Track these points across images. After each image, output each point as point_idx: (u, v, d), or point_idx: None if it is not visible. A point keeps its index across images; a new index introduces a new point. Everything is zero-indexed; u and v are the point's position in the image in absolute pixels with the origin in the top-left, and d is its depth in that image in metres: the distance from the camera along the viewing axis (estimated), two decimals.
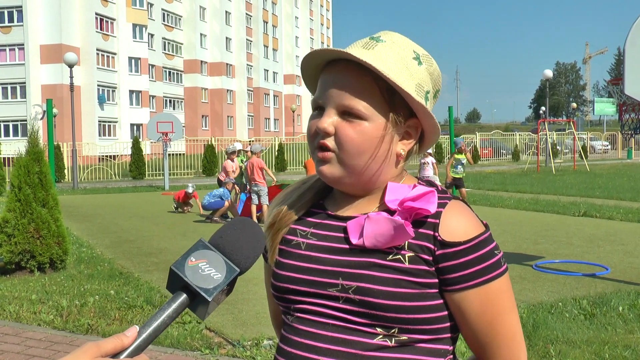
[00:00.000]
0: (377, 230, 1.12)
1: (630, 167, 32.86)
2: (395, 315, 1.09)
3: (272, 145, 34.21)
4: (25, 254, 7.38)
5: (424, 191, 1.14)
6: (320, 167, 1.17)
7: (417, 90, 1.15)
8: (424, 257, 1.11)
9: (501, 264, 1.13)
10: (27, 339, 5.21)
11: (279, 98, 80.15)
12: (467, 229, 1.12)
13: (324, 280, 1.15)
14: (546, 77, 33.32)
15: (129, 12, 52.89)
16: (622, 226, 11.35)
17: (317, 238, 1.20)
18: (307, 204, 1.26)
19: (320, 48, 1.15)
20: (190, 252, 0.98)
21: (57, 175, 26.07)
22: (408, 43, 1.19)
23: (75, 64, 23.15)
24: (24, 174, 7.52)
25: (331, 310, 1.14)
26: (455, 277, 1.11)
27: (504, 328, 1.14)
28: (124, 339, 0.88)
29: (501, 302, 1.13)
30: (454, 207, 1.15)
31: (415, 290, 1.10)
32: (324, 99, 1.16)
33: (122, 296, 6.44)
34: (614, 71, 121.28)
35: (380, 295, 1.09)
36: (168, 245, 9.94)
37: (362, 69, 1.13)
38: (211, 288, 0.94)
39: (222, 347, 4.93)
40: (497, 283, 1.12)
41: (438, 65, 1.23)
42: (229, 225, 1.03)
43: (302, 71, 1.24)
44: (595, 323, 5.36)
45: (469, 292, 1.11)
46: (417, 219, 1.14)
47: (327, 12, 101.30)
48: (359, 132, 1.13)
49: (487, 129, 72.54)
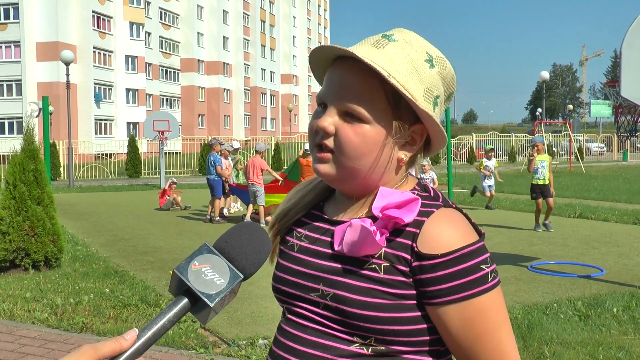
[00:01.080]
0: (353, 237, 1.09)
1: (625, 169, 32.94)
2: (370, 325, 1.06)
3: (269, 144, 34.21)
4: (20, 252, 7.35)
5: (407, 198, 1.09)
6: (317, 165, 1.15)
7: (425, 96, 1.11)
8: (400, 268, 1.07)
9: (487, 279, 1.05)
10: (21, 337, 5.19)
11: (276, 97, 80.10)
12: (449, 241, 1.05)
13: (308, 284, 1.14)
14: (543, 79, 33.39)
15: (126, 10, 52.79)
16: (617, 228, 11.38)
17: (309, 241, 1.19)
18: (309, 205, 1.25)
19: (329, 44, 1.12)
20: (194, 256, 0.96)
21: (53, 173, 25.99)
22: (422, 44, 1.14)
23: (72, 61, 23.09)
24: (19, 172, 7.49)
25: (312, 314, 1.13)
26: (433, 290, 1.05)
27: (491, 347, 1.06)
28: (122, 342, 0.87)
29: (486, 320, 1.05)
30: (440, 216, 1.09)
31: (389, 301, 1.06)
32: (327, 96, 1.14)
33: (117, 295, 6.42)
34: (610, 73, 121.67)
35: (354, 304, 1.07)
36: (163, 244, 9.92)
37: (369, 70, 1.09)
38: (213, 294, 0.92)
39: (217, 346, 4.92)
40: (482, 299, 1.04)
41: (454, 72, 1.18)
42: (235, 229, 1.01)
43: (310, 64, 1.21)
44: (590, 324, 5.37)
45: (448, 307, 1.04)
46: (397, 227, 1.09)
47: (325, 12, 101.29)
48: (360, 135, 1.10)
49: (483, 130, 72.66)
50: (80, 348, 0.84)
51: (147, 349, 0.89)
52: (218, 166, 12.91)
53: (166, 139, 22.54)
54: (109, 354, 0.85)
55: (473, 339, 1.06)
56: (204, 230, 11.64)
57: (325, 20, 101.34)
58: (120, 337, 0.88)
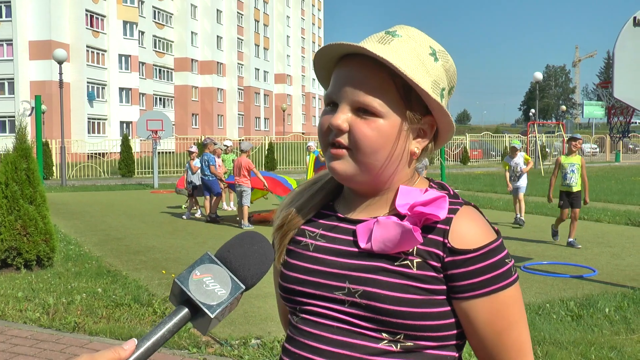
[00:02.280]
0: (385, 235, 1.10)
1: (618, 169, 33.08)
2: (401, 321, 1.07)
3: (262, 144, 34.14)
4: (12, 251, 7.32)
5: (434, 196, 1.11)
6: (332, 164, 1.14)
7: (433, 87, 1.12)
8: (432, 264, 1.09)
9: (512, 273, 1.10)
10: (12, 337, 5.17)
11: (270, 97, 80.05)
12: (477, 236, 1.09)
13: (331, 283, 1.13)
14: (536, 80, 33.48)
15: (120, 9, 52.64)
16: (609, 228, 11.43)
17: (326, 240, 1.18)
18: (318, 205, 1.24)
19: (336, 42, 1.11)
20: (196, 266, 0.94)
21: (46, 172, 25.88)
22: (424, 38, 1.16)
23: (65, 60, 22.99)
24: (11, 171, 7.46)
25: (336, 313, 1.12)
26: (463, 285, 1.08)
27: (513, 339, 1.11)
28: (121, 352, 0.85)
29: (511, 313, 1.10)
30: (465, 213, 1.12)
31: (422, 297, 1.08)
32: (338, 94, 1.13)
33: (109, 294, 6.40)
34: (603, 74, 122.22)
35: (387, 300, 1.07)
36: (156, 244, 9.89)
37: (378, 65, 1.10)
38: (214, 304, 0.91)
39: (210, 346, 4.91)
40: (507, 292, 1.09)
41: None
42: (238, 239, 1.00)
43: (315, 64, 1.20)
44: (582, 324, 5.39)
45: (478, 301, 1.08)
46: (426, 224, 1.11)
47: (319, 12, 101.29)
48: (375, 129, 1.10)
49: (477, 130, 72.82)
50: (79, 357, 0.82)
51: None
52: (212, 166, 12.88)
53: (159, 139, 22.49)
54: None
55: (498, 331, 1.10)
56: (197, 230, 11.61)
57: (319, 20, 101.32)
58: (119, 347, 0.86)
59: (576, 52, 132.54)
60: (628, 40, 7.00)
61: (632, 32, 6.99)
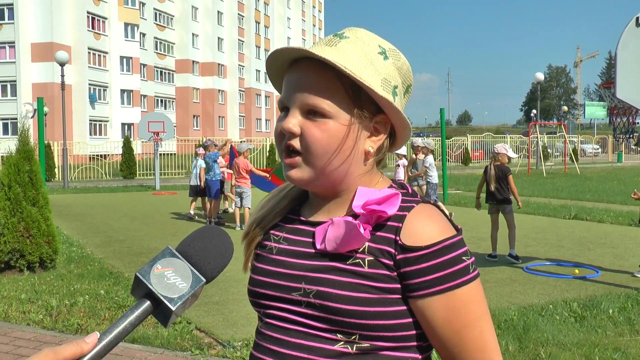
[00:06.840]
0: (336, 233, 1.10)
1: (620, 170, 33.04)
2: (355, 321, 1.06)
3: (263, 145, 34.13)
4: (15, 253, 7.33)
5: (388, 194, 1.11)
6: (288, 172, 1.15)
7: (383, 85, 1.12)
8: (384, 262, 1.08)
9: (469, 270, 1.08)
10: (15, 338, 5.17)
11: (271, 99, 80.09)
12: (430, 233, 1.07)
13: (289, 284, 1.14)
14: (537, 80, 33.45)
15: (121, 11, 52.70)
16: (612, 229, 11.41)
17: (288, 243, 1.19)
18: (283, 211, 1.26)
19: (282, 47, 1.13)
20: (157, 260, 0.96)
21: (48, 174, 25.91)
22: (373, 38, 1.16)
23: (67, 62, 23.01)
24: (14, 173, 7.47)
25: (294, 315, 1.12)
26: (417, 282, 1.06)
27: (473, 338, 1.08)
28: (83, 345, 0.87)
29: (470, 310, 1.08)
30: (421, 210, 1.11)
31: (375, 295, 1.07)
32: (288, 99, 1.15)
33: (112, 296, 6.41)
34: (604, 75, 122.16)
35: (339, 299, 1.07)
36: (158, 245, 9.89)
37: (324, 67, 1.10)
38: (175, 297, 0.93)
39: (213, 348, 4.91)
40: (465, 290, 1.07)
41: (409, 64, 1.20)
42: (198, 233, 1.02)
43: (268, 71, 1.22)
44: (586, 325, 5.39)
45: (433, 299, 1.06)
46: (380, 222, 1.10)
47: (320, 13, 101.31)
48: (325, 130, 1.11)
49: (478, 131, 72.79)
50: (41, 352, 0.84)
51: (107, 353, 0.89)
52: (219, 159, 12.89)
53: (161, 140, 22.50)
54: (70, 357, 0.85)
55: (457, 329, 1.08)
56: None
57: (319, 21, 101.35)
58: (81, 340, 0.88)
59: (578, 53, 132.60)
60: (630, 40, 7.00)
61: (634, 32, 6.98)
